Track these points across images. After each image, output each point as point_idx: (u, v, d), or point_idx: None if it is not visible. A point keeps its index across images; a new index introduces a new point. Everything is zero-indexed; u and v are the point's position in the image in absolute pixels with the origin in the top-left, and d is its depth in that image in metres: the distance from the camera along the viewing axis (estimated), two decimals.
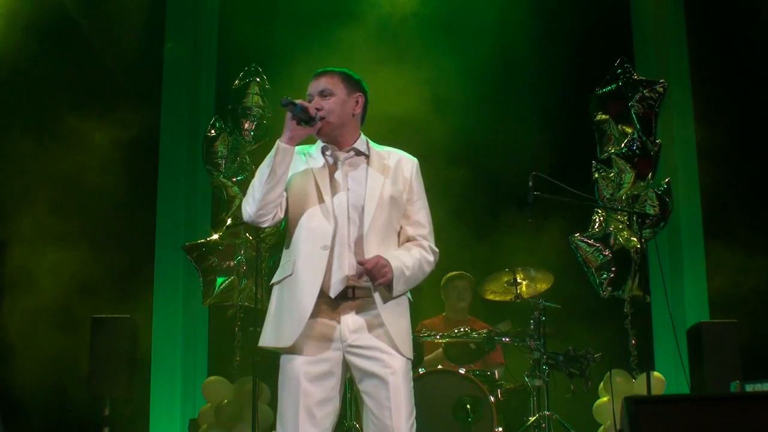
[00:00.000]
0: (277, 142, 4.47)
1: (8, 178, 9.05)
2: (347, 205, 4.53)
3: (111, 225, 9.24)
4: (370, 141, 4.74)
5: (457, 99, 9.36)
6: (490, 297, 8.34)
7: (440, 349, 7.94)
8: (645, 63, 9.85)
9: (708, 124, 9.47)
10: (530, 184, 6.98)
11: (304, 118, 4.44)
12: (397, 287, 4.47)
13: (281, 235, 8.87)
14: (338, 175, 4.59)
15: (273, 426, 8.48)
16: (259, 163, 4.55)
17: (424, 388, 7.25)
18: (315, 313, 4.43)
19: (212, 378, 9.00)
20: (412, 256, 4.58)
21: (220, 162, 9.12)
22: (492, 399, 7.31)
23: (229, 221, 9.00)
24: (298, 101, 4.46)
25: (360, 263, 4.39)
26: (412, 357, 4.55)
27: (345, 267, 4.46)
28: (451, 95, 9.31)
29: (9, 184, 9.04)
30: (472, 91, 9.50)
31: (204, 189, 9.56)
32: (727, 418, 4.20)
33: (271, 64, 9.32)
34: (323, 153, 4.65)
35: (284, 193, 4.54)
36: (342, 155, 4.64)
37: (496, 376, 7.87)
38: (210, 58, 10.26)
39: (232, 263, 9.00)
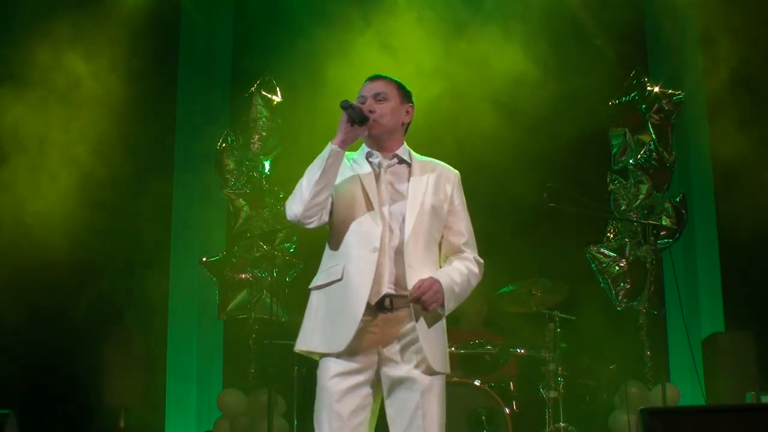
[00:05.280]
0: (329, 144, 4.44)
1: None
2: (390, 212, 4.51)
3: (127, 237, 9.25)
4: (412, 151, 4.74)
5: (469, 110, 9.34)
6: (506, 309, 8.33)
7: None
8: (659, 69, 9.86)
9: (724, 135, 9.44)
10: (545, 195, 6.99)
11: (358, 120, 4.44)
12: (449, 305, 4.46)
13: (296, 247, 8.96)
14: (382, 181, 4.58)
15: None
16: (271, 177, 4.55)
17: None
18: None
19: (227, 390, 9.02)
20: (460, 271, 4.55)
21: (228, 176, 9.15)
22: (507, 411, 7.31)
23: (248, 234, 9.04)
24: (354, 103, 4.49)
25: (412, 292, 4.35)
26: (447, 371, 4.51)
27: (386, 274, 4.43)
28: (463, 106, 9.30)
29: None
30: (485, 103, 9.50)
31: (218, 201, 9.58)
32: (743, 430, 4.19)
33: (286, 74, 9.37)
34: (367, 159, 4.64)
35: (331, 197, 4.51)
36: (385, 162, 4.63)
37: (511, 388, 7.86)
38: (225, 67, 10.30)
39: (246, 276, 9.01)
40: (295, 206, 4.47)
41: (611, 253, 8.74)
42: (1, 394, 7.63)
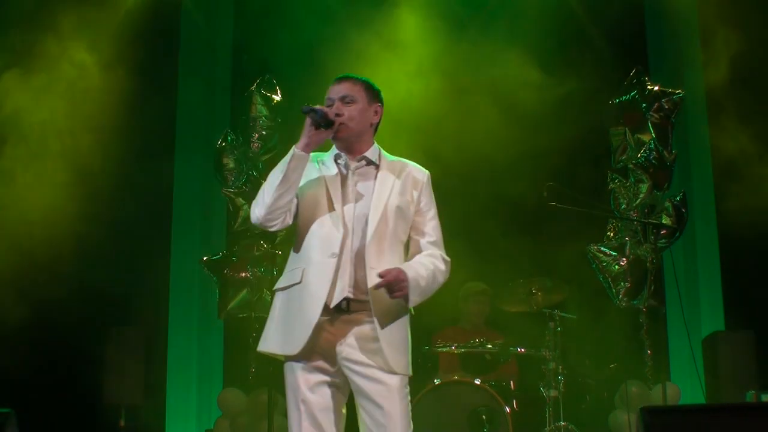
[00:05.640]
0: (293, 148, 4.43)
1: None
2: (354, 215, 4.49)
3: (127, 236, 9.25)
4: (383, 151, 4.71)
5: (470, 108, 9.33)
6: (506, 308, 8.33)
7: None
8: (659, 67, 9.86)
9: (724, 133, 9.44)
10: (545, 194, 6.99)
11: (323, 123, 4.41)
12: (413, 298, 4.42)
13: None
14: (348, 184, 4.56)
15: None
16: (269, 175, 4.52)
17: (440, 399, 7.27)
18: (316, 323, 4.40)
19: (228, 389, 9.01)
20: (426, 266, 4.51)
21: (227, 175, 9.14)
22: (507, 410, 7.31)
23: (248, 234, 9.03)
24: (317, 107, 4.44)
25: (380, 275, 4.31)
26: (409, 373, 4.49)
27: (346, 277, 4.42)
28: (463, 104, 9.29)
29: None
30: (485, 101, 9.49)
31: (219, 200, 9.58)
32: (743, 428, 4.19)
33: (287, 72, 9.36)
34: (335, 161, 4.63)
35: (294, 199, 4.50)
36: (353, 164, 4.61)
37: (512, 387, 7.86)
38: (225, 66, 10.30)
39: (246, 275, 9.00)
40: (257, 209, 4.48)
41: (611, 252, 8.73)
42: (0, 393, 7.63)
